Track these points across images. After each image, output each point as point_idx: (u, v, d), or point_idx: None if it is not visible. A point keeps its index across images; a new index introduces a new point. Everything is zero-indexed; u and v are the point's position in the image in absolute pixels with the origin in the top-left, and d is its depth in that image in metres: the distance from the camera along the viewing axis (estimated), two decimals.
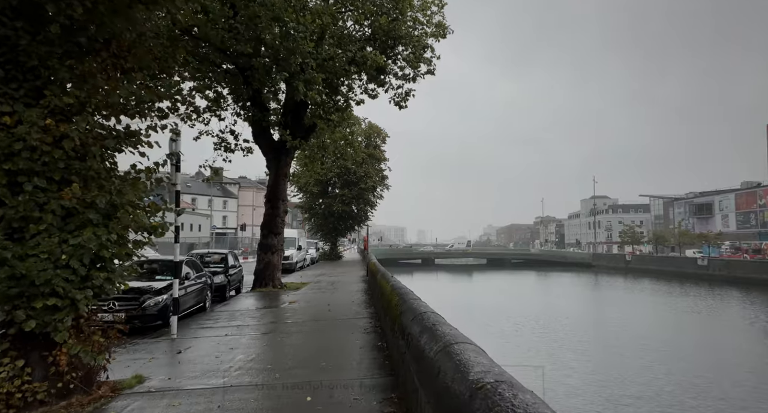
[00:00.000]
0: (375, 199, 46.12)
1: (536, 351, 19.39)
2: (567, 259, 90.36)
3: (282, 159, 18.19)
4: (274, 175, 18.14)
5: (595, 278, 62.36)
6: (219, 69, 15.06)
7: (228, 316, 11.38)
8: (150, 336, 8.92)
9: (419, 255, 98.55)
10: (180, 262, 11.86)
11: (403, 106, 18.04)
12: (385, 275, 10.37)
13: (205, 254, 16.76)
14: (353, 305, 12.31)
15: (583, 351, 19.78)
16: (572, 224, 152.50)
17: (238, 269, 17.42)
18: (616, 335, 23.33)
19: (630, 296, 41.16)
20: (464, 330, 3.66)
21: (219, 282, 14.99)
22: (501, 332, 23.49)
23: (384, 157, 45.91)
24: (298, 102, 18.08)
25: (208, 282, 13.16)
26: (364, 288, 17.33)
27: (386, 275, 10.10)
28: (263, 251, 17.56)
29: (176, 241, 9.19)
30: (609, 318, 29.60)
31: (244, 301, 14.42)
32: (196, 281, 12.10)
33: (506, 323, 26.07)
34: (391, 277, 9.54)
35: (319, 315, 11.09)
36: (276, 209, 17.92)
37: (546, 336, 22.63)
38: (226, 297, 15.25)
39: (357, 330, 8.82)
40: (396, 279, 9.09)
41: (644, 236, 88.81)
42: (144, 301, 9.81)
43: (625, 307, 34.06)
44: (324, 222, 45.05)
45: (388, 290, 7.61)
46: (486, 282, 59.72)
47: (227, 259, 16.36)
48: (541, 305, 34.63)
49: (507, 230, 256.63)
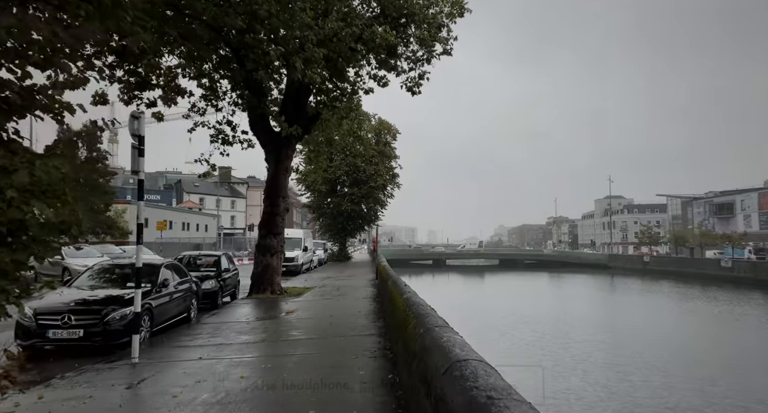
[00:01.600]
0: (385, 198, 44.41)
1: (570, 370, 16.75)
2: (582, 260, 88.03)
3: (282, 151, 16.51)
4: (274, 169, 16.46)
5: (614, 281, 60.07)
6: (209, 46, 13.40)
7: (212, 330, 9.69)
8: (106, 360, 7.24)
9: (430, 256, 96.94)
10: (158, 266, 10.22)
11: (416, 91, 16.30)
12: (396, 282, 8.62)
13: (196, 256, 15.12)
14: (359, 317, 10.56)
15: (630, 373, 16.79)
16: (586, 225, 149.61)
17: (233, 273, 15.76)
18: (656, 350, 20.54)
19: (658, 302, 38.84)
20: (484, 337, 1.92)
21: (209, 288, 13.34)
22: (522, 341, 21.61)
23: (394, 154, 44.19)
24: (300, 88, 16.42)
25: (193, 289, 11.50)
26: (373, 294, 15.59)
27: (398, 284, 8.35)
28: (261, 253, 15.88)
29: (139, 241, 7.46)
30: (645, 329, 27.05)
31: (236, 310, 12.75)
32: (176, 289, 10.43)
33: (525, 329, 24.18)
34: (404, 286, 7.79)
35: (319, 329, 9.36)
36: (275, 207, 16.23)
37: (573, 347, 20.63)
38: (218, 305, 13.59)
39: (362, 352, 7.07)
40: (410, 289, 7.36)
41: (663, 237, 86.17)
42: (107, 314, 8.14)
43: (658, 315, 31.84)
44: (332, 222, 43.39)
45: (401, 306, 5.87)
46: (500, 284, 57.69)
47: (220, 262, 14.71)
48: (562, 310, 32.60)
49: (518, 231, 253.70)
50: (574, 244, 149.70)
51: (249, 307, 13.41)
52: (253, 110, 15.39)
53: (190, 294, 11.20)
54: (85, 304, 8.41)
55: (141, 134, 7.13)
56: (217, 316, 11.78)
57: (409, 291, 6.95)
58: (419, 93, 16.32)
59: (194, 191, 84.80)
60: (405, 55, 16.72)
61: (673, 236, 79.81)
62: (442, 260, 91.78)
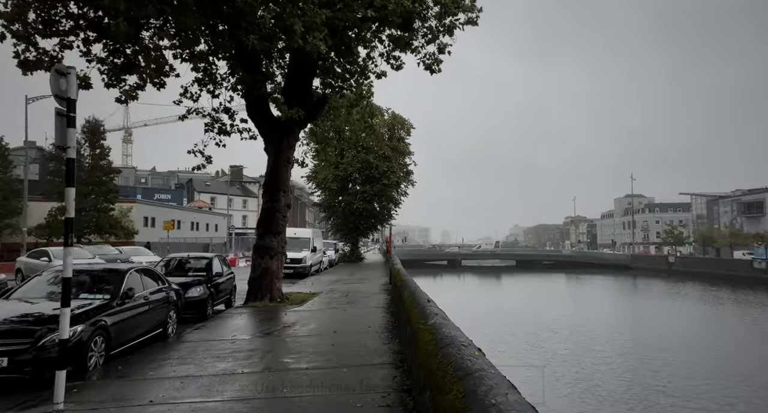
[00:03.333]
0: (399, 196, 42.40)
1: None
2: (603, 261, 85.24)
3: (283, 140, 14.61)
4: (273, 160, 14.57)
5: (638, 282, 57.39)
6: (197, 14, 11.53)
7: (186, 353, 7.80)
8: (20, 406, 5.34)
9: (445, 256, 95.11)
10: (123, 272, 8.37)
11: (435, 70, 14.31)
12: (416, 296, 6.62)
13: (184, 259, 13.28)
14: (369, 336, 8.58)
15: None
16: (605, 224, 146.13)
17: (228, 277, 13.89)
18: (695, 366, 18.27)
19: (687, 306, 36.25)
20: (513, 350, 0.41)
21: (196, 296, 11.47)
22: (554, 355, 19.46)
23: (408, 150, 42.21)
24: (304, 69, 14.53)
25: (172, 298, 9.63)
26: (387, 303, 13.62)
27: (419, 299, 6.34)
28: (259, 255, 13.99)
29: (67, 243, 5.47)
30: (680, 339, 24.59)
31: (225, 323, 10.87)
32: (148, 299, 8.56)
33: (555, 341, 22.01)
34: (426, 303, 5.78)
35: (317, 354, 7.40)
36: (275, 203, 14.34)
37: (619, 368, 18.32)
38: (207, 315, 11.73)
39: (370, 396, 5.10)
40: (434, 307, 5.40)
41: (688, 237, 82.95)
42: (42, 336, 6.29)
43: (693, 322, 29.38)
44: (344, 221, 41.51)
45: (428, 342, 3.89)
46: (519, 287, 55.32)
47: (212, 265, 12.83)
48: (593, 318, 30.24)
49: (535, 231, 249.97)
50: (593, 244, 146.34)
51: (242, 318, 11.52)
52: (249, 91, 13.52)
53: (166, 305, 9.33)
54: (17, 323, 6.57)
55: (70, 96, 5.22)
56: (200, 331, 9.89)
57: (435, 311, 4.96)
58: (438, 71, 14.32)
59: (205, 190, 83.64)
60: (422, 32, 14.75)
61: (700, 236, 76.47)
62: (458, 261, 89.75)
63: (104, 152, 38.63)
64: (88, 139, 37.68)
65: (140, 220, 46.71)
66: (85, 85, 12.28)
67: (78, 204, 36.74)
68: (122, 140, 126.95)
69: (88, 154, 37.83)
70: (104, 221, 37.47)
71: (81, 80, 12.30)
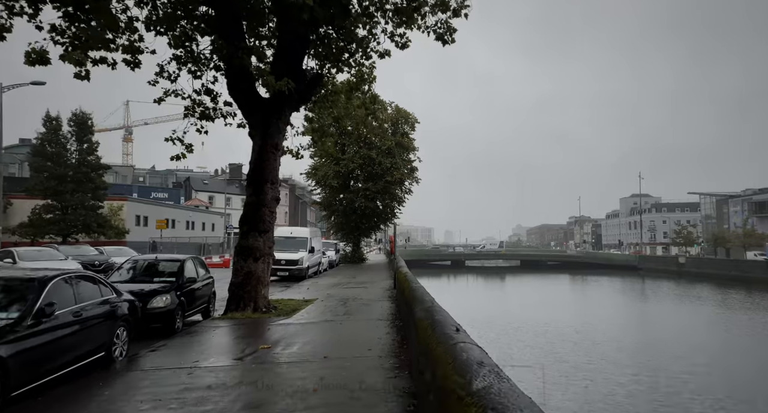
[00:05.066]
0: (403, 194, 40.25)
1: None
2: (610, 261, 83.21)
3: (271, 123, 12.58)
4: (259, 146, 12.53)
5: (648, 284, 55.27)
6: None
7: (119, 393, 5.76)
8: None
9: (449, 257, 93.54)
10: (43, 281, 6.35)
11: (447, 40, 12.27)
12: (433, 318, 4.59)
13: (152, 261, 11.24)
14: (369, 365, 6.53)
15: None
16: (610, 224, 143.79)
17: (205, 283, 11.85)
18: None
19: (706, 312, 34.02)
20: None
21: (161, 307, 9.47)
22: (577, 367, 17.43)
23: (413, 146, 40.00)
24: (295, 41, 12.52)
25: (121, 312, 7.62)
26: (391, 313, 11.59)
27: (441, 326, 4.32)
28: (242, 257, 11.95)
29: None
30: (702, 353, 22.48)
31: (191, 341, 8.83)
32: (78, 317, 6.54)
33: (577, 353, 19.95)
34: (456, 333, 3.75)
35: (297, 397, 5.32)
36: (261, 196, 12.30)
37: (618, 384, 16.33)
38: (176, 329, 9.72)
39: None
40: (464, 335, 3.42)
41: (699, 237, 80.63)
42: None
43: (716, 334, 27.26)
44: (345, 220, 39.42)
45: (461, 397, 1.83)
46: (527, 289, 53.22)
47: (183, 269, 10.78)
48: (616, 324, 28.12)
49: (538, 231, 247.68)
50: (598, 244, 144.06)
51: (215, 334, 9.49)
52: (229, 63, 11.53)
53: (112, 321, 7.32)
54: None
55: None
56: (158, 353, 7.87)
57: (476, 357, 2.93)
58: (452, 42, 12.28)
59: (203, 188, 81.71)
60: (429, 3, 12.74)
61: (712, 236, 74.15)
62: (461, 261, 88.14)
63: (92, 147, 36.60)
64: (75, 133, 35.67)
65: (132, 219, 44.76)
66: (41, 60, 10.35)
67: (65, 202, 34.92)
68: (122, 139, 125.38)
69: (75, 149, 35.83)
70: (92, 220, 35.46)
71: (35, 54, 10.40)
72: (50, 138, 34.48)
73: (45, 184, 33.80)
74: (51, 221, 34.02)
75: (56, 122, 34.98)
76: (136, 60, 12.25)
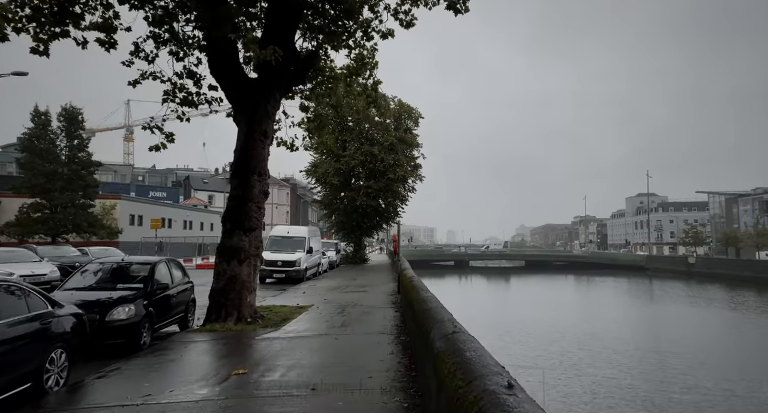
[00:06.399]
0: (406, 192, 38.68)
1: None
2: (617, 261, 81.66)
3: (259, 106, 11.03)
4: (245, 132, 10.98)
5: (658, 284, 53.62)
6: None
7: None
8: None
9: (452, 257, 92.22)
10: None
11: (460, 9, 10.71)
12: (456, 345, 3.07)
13: (117, 265, 9.67)
14: (369, 404, 4.99)
15: None
16: (616, 224, 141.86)
17: (182, 288, 10.30)
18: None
19: (722, 318, 32.28)
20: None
21: (123, 319, 7.93)
22: (594, 380, 15.82)
23: (417, 142, 38.42)
24: (285, 15, 10.99)
25: (59, 330, 6.08)
26: (394, 324, 10.03)
27: (469, 359, 2.79)
28: (224, 259, 10.38)
29: None
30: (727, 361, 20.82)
31: (154, 363, 7.28)
32: None
33: (612, 368, 18.34)
34: (505, 386, 2.23)
35: None
36: (247, 189, 10.74)
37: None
38: (141, 344, 8.19)
39: None
40: (512, 383, 1.89)
41: (709, 237, 78.79)
42: None
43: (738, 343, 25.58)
44: (346, 219, 37.87)
45: None
46: (535, 290, 51.56)
47: (153, 273, 9.23)
48: (646, 335, 26.38)
49: (542, 231, 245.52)
50: (603, 244, 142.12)
51: (184, 353, 7.93)
52: (209, 35, 10.00)
53: (40, 343, 5.77)
54: None
55: None
56: (104, 381, 6.31)
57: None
58: (465, 11, 10.73)
59: (203, 188, 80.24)
60: None
61: (724, 235, 72.31)
62: (465, 262, 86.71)
63: (83, 143, 35.11)
64: (64, 128, 34.16)
65: (126, 218, 43.25)
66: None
67: (54, 200, 33.45)
68: (123, 138, 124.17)
69: (64, 145, 34.33)
70: (82, 219, 33.95)
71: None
72: (38, 134, 33.00)
73: (33, 181, 32.32)
74: (39, 220, 32.54)
75: (45, 117, 33.48)
76: (111, 40, 10.77)
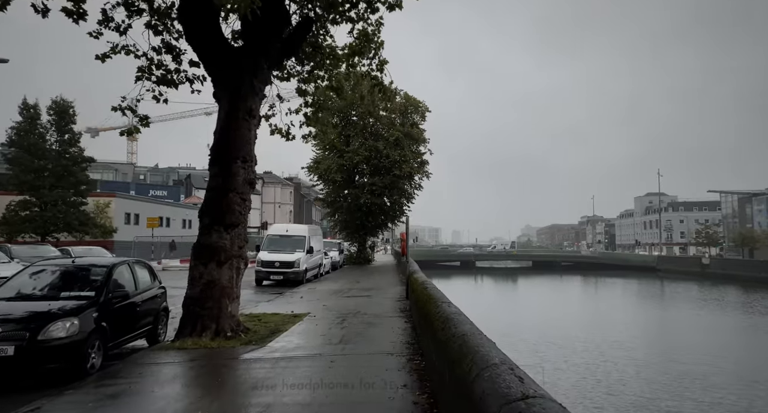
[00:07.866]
0: (412, 189, 36.92)
1: None
2: (627, 262, 79.73)
3: (244, 80, 9.31)
4: (227, 111, 9.26)
5: (672, 286, 51.56)
6: None
7: None
8: None
9: (458, 257, 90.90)
10: None
11: None
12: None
13: (64, 267, 7.95)
14: None
15: None
16: (624, 224, 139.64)
17: (149, 296, 8.57)
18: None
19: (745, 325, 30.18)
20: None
21: (62, 337, 6.21)
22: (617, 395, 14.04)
23: (424, 137, 36.66)
24: None
25: None
26: (404, 340, 8.28)
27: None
28: (200, 261, 8.66)
29: None
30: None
31: (82, 402, 5.55)
32: None
33: (637, 381, 16.55)
34: None
35: None
36: (229, 178, 9.02)
37: None
38: (86, 368, 6.49)
39: None
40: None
41: (722, 237, 76.68)
42: None
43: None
44: (349, 218, 36.17)
45: None
46: (545, 291, 49.68)
47: (110, 278, 7.52)
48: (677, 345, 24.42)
49: (548, 231, 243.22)
50: (611, 245, 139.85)
51: (136, 383, 6.20)
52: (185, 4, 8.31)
53: None
54: None
55: None
56: None
57: None
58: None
59: (204, 186, 78.57)
60: None
61: (739, 235, 70.17)
62: (472, 262, 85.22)
63: (74, 139, 33.52)
64: (54, 123, 32.58)
65: (121, 217, 41.71)
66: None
67: (43, 197, 31.92)
68: (126, 137, 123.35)
69: (55, 140, 32.75)
70: (73, 218, 32.37)
71: None
72: (26, 128, 31.44)
73: (21, 178, 30.76)
74: (27, 218, 30.95)
75: (34, 110, 31.91)
76: (80, 9, 9.13)
